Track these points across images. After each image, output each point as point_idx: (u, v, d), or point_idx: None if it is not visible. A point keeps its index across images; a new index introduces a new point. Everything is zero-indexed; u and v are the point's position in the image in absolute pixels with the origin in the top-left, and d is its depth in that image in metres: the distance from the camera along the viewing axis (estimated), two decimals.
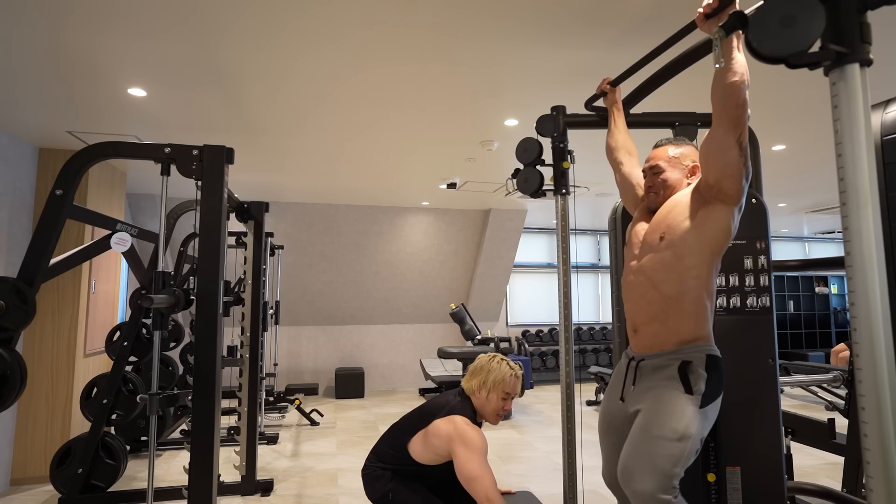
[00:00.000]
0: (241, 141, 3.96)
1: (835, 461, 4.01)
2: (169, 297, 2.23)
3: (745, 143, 1.37)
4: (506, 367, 1.93)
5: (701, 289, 1.48)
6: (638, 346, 1.59)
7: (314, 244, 6.64)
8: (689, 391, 1.41)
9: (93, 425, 3.19)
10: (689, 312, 1.49)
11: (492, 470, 1.73)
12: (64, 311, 3.78)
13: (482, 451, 1.76)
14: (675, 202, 1.57)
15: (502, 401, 1.89)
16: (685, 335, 1.49)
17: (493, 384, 1.88)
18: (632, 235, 1.71)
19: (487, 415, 1.91)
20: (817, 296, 9.22)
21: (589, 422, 5.48)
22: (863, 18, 1.09)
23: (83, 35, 2.35)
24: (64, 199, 2.21)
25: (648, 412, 1.44)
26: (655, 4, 2.19)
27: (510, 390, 1.90)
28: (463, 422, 1.82)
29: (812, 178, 5.14)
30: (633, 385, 1.56)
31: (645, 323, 1.56)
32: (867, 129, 1.05)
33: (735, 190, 1.42)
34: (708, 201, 1.48)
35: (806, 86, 3.00)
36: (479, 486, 1.72)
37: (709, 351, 1.48)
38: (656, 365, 1.51)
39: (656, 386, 1.47)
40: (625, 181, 1.90)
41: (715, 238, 1.47)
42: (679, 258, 1.49)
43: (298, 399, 5.43)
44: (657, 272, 1.53)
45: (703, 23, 1.39)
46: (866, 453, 1.02)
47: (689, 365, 1.44)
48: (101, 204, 4.24)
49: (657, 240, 1.55)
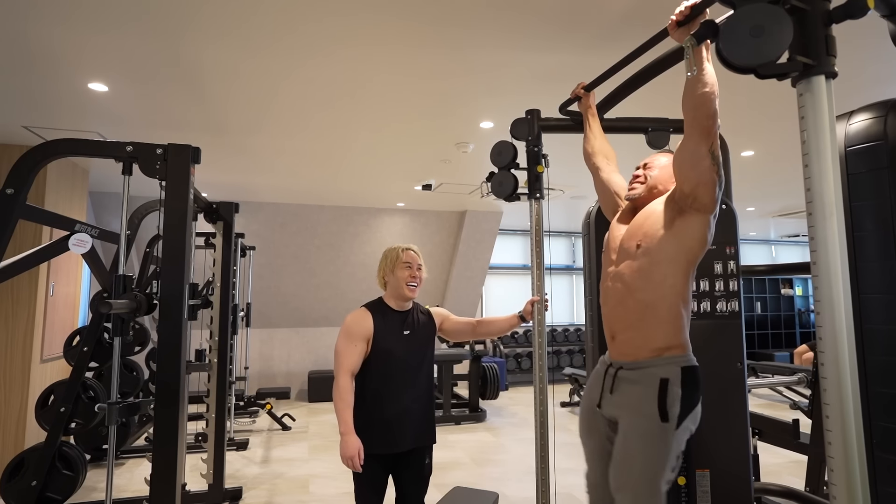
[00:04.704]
0: (211, 139, 3.85)
1: (798, 459, 4.13)
2: (130, 302, 2.13)
3: (717, 153, 1.38)
4: (395, 246, 2.11)
5: (677, 297, 1.50)
6: (615, 353, 1.61)
7: (287, 245, 6.52)
8: (665, 418, 1.45)
9: (49, 435, 3.04)
10: (665, 320, 1.50)
11: (356, 351, 1.93)
12: (19, 314, 3.61)
13: (347, 333, 1.95)
14: (652, 210, 1.59)
15: (406, 271, 2.04)
16: (660, 343, 1.51)
17: (392, 264, 2.06)
18: (609, 241, 1.71)
19: (401, 290, 2.04)
20: (783, 297, 9.51)
21: (563, 423, 5.52)
22: (828, 31, 1.10)
23: (40, 25, 2.23)
24: (15, 198, 2.09)
25: (625, 446, 1.50)
26: (629, 10, 2.20)
27: (408, 259, 2.06)
28: (350, 314, 2.03)
29: (779, 183, 5.29)
30: (610, 393, 1.59)
31: (622, 330, 1.58)
32: (832, 139, 1.07)
33: (709, 199, 1.44)
34: (683, 210, 1.49)
35: (774, 93, 3.07)
36: (335, 363, 1.94)
37: (684, 363, 1.51)
38: (633, 379, 1.54)
39: (633, 412, 1.51)
40: (603, 188, 1.90)
41: (690, 247, 1.49)
42: (655, 266, 1.51)
43: (269, 403, 5.32)
44: (634, 279, 1.54)
45: (675, 31, 1.39)
46: (830, 461, 1.03)
47: (665, 385, 1.47)
48: (61, 203, 4.06)
49: (634, 247, 1.56)
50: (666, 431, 1.44)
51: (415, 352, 2.04)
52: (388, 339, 2.00)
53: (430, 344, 2.12)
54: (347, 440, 1.83)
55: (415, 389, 2.01)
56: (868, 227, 1.30)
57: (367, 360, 1.98)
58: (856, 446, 1.01)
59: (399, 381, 1.99)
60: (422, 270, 2.10)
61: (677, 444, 1.46)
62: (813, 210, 1.06)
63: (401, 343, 2.02)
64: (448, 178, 5.07)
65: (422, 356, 2.07)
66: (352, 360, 1.93)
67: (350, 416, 1.86)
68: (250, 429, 5.31)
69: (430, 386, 2.10)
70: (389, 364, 1.98)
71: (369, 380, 1.98)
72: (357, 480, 1.97)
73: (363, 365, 1.98)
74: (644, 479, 1.44)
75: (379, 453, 1.94)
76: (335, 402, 1.90)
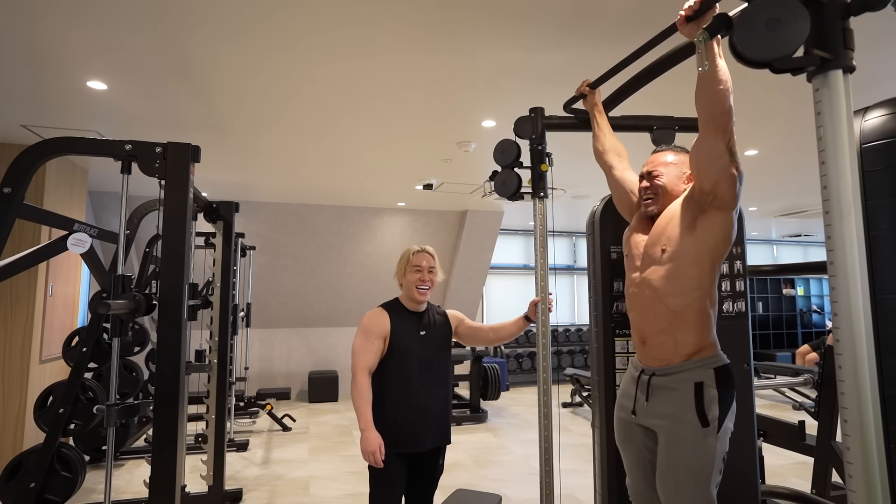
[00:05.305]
0: (211, 139, 3.82)
1: (802, 461, 4.10)
2: (128, 303, 2.11)
3: (734, 149, 1.37)
4: (409, 248, 2.15)
5: (705, 298, 1.49)
6: (647, 359, 1.59)
7: (287, 245, 6.49)
8: (705, 422, 1.43)
9: (48, 436, 3.01)
10: (694, 323, 1.49)
11: (373, 349, 1.95)
12: (17, 314, 3.58)
13: (364, 331, 1.97)
14: (672, 213, 1.57)
15: (416, 274, 2.06)
16: (691, 347, 1.49)
17: (404, 267, 2.09)
18: (631, 247, 1.69)
19: (412, 293, 2.06)
20: (784, 297, 9.48)
21: (565, 424, 5.49)
22: (846, 24, 1.07)
23: (38, 22, 2.21)
24: (12, 197, 2.07)
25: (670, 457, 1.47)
26: (636, 6, 2.17)
27: (417, 263, 2.07)
28: (368, 314, 2.04)
29: (782, 182, 5.25)
30: (645, 401, 1.56)
31: (654, 335, 1.56)
32: (850, 136, 1.04)
33: (730, 195, 1.42)
34: (704, 209, 1.48)
35: (778, 91, 3.04)
36: (353, 361, 1.95)
37: (716, 363, 1.49)
38: (667, 385, 1.52)
39: (672, 420, 1.48)
40: (617, 186, 1.87)
41: (715, 246, 1.48)
42: (682, 270, 1.49)
43: (270, 404, 5.29)
44: (663, 285, 1.52)
45: (685, 26, 1.36)
46: (848, 467, 1.00)
47: (701, 389, 1.45)
48: (60, 202, 4.03)
49: (659, 252, 1.55)
50: (708, 436, 1.43)
51: (431, 352, 2.04)
52: (405, 339, 2.00)
53: (446, 345, 2.12)
54: (368, 436, 1.84)
55: (432, 389, 2.01)
56: (884, 226, 1.27)
57: (384, 360, 1.99)
58: (875, 450, 0.98)
59: (416, 380, 1.98)
60: (434, 273, 2.10)
61: (721, 446, 1.45)
62: (830, 208, 1.03)
63: (417, 343, 2.02)
64: (449, 177, 5.04)
65: (438, 356, 2.06)
66: (368, 358, 1.94)
67: (369, 412, 1.87)
68: (250, 430, 5.28)
69: (448, 386, 2.10)
70: (406, 363, 1.98)
71: (388, 379, 1.98)
72: (374, 480, 1.95)
73: (381, 365, 1.99)
74: (694, 489, 1.43)
75: (399, 452, 1.93)
76: (354, 400, 1.91)
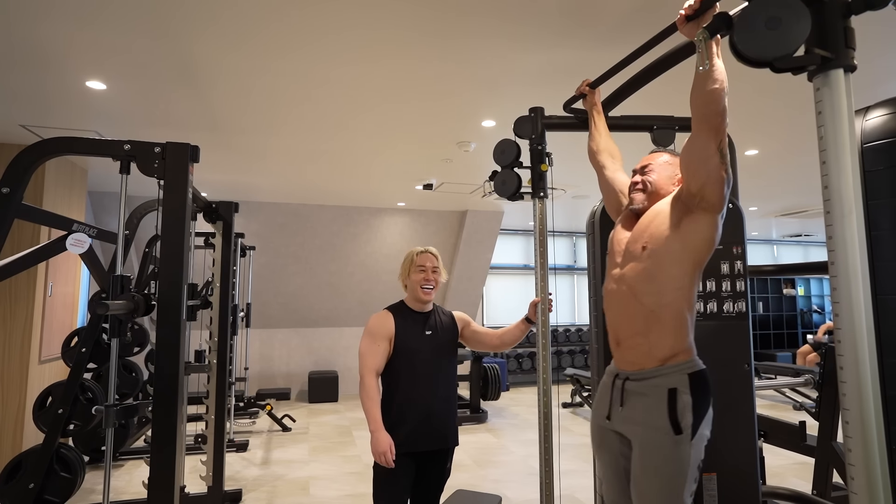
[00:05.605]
0: (211, 139, 3.81)
1: (803, 461, 4.09)
2: (127, 304, 2.10)
3: (725, 151, 1.35)
4: (412, 250, 2.16)
5: (682, 301, 1.47)
6: (621, 362, 1.57)
7: (287, 245, 6.48)
8: (678, 430, 1.41)
9: (47, 436, 3.01)
10: (670, 326, 1.47)
11: (379, 351, 1.96)
12: (17, 315, 3.57)
13: (370, 333, 1.99)
14: (657, 211, 1.55)
15: (420, 274, 2.08)
16: (666, 350, 1.47)
17: (408, 268, 2.11)
18: (613, 243, 1.67)
19: (417, 293, 2.07)
20: (784, 297, 9.47)
21: (565, 424, 5.48)
22: (847, 23, 1.07)
23: (36, 21, 2.20)
24: (11, 197, 2.06)
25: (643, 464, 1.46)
26: (636, 6, 2.16)
27: (421, 263, 2.09)
28: (373, 316, 2.06)
29: (782, 182, 5.25)
30: (620, 406, 1.55)
31: (628, 336, 1.53)
32: (851, 135, 1.03)
33: (717, 198, 1.40)
34: (690, 210, 1.46)
35: (778, 91, 3.03)
36: (360, 363, 1.96)
37: (690, 368, 1.47)
38: (641, 391, 1.50)
39: (644, 427, 1.47)
40: (607, 186, 1.86)
41: (698, 248, 1.45)
42: (661, 268, 1.47)
43: (269, 404, 5.29)
44: (639, 282, 1.50)
45: (685, 25, 1.36)
46: (850, 469, 0.99)
47: (674, 395, 1.43)
48: (60, 202, 4.03)
49: (639, 249, 1.53)
50: (681, 444, 1.41)
51: (437, 352, 2.04)
52: (411, 340, 2.01)
53: (452, 345, 2.12)
54: (378, 437, 1.84)
55: (439, 390, 2.01)
56: (885, 226, 1.27)
57: (391, 361, 2.00)
58: (877, 450, 0.97)
59: (423, 381, 1.99)
60: (437, 273, 2.11)
61: (696, 454, 1.42)
62: (831, 208, 1.03)
63: (423, 343, 2.02)
64: (449, 177, 5.04)
65: (444, 357, 2.06)
66: (375, 360, 1.96)
67: (378, 413, 1.88)
68: (250, 430, 5.27)
69: (454, 388, 2.09)
70: (413, 364, 1.99)
71: (394, 379, 1.99)
72: (378, 480, 1.94)
73: (388, 365, 2.00)
74: (668, 497, 1.41)
75: (405, 452, 1.93)
76: (363, 401, 1.91)
